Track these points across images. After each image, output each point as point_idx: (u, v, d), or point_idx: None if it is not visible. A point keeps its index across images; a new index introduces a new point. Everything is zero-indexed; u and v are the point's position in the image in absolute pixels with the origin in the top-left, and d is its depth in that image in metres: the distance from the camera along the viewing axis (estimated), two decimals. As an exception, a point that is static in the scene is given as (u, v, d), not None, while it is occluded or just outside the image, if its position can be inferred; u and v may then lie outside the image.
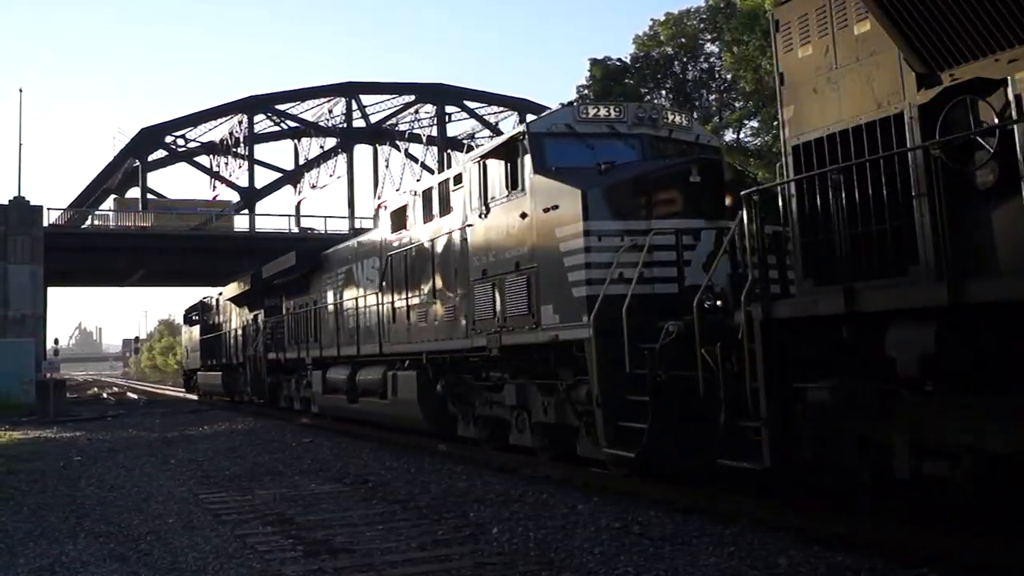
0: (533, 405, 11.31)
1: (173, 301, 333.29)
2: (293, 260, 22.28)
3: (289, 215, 62.88)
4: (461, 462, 12.66)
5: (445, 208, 13.49)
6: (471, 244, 12.32)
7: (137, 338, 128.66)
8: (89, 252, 48.52)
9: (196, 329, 40.01)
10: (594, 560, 6.70)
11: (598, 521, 8.04)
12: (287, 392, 24.24)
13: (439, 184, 13.87)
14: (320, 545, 7.57)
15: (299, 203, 63.69)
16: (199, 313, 38.85)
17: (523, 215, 10.91)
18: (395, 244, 15.61)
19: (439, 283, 13.56)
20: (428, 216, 14.16)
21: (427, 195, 14.28)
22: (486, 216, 11.90)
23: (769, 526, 7.45)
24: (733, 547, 6.87)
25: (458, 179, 13.08)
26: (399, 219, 15.62)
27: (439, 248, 13.60)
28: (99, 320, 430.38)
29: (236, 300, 29.90)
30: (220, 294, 34.11)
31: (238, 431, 20.00)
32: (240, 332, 29.49)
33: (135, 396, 49.07)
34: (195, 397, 40.62)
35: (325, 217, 63.54)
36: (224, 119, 61.36)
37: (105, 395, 49.88)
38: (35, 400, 29.91)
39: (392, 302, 15.54)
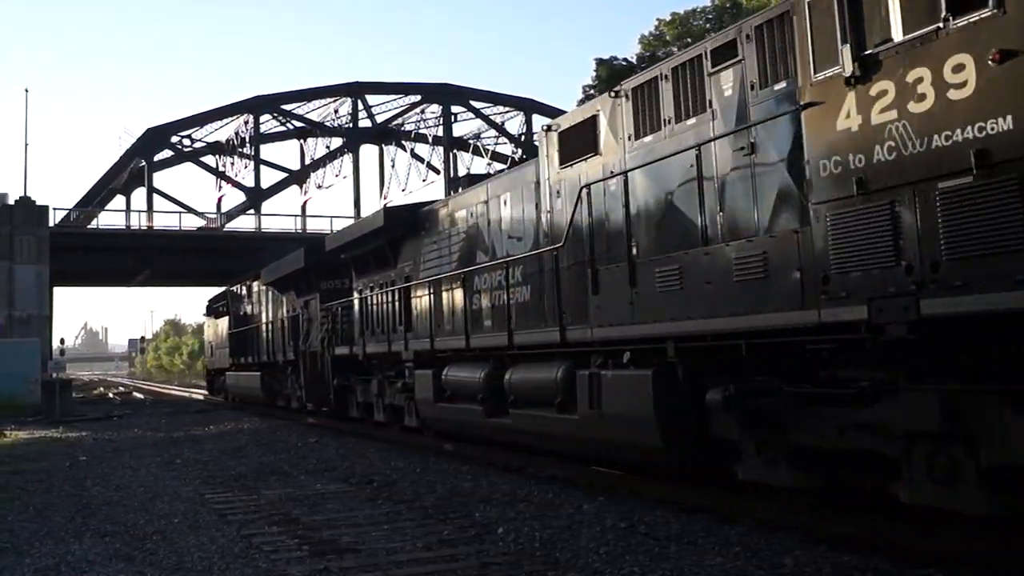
0: (1003, 436, 5.95)
1: (179, 301, 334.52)
2: (380, 220, 16.51)
3: (295, 215, 63.08)
4: (467, 462, 12.66)
5: (692, 106, 8.77)
6: (808, 142, 7.14)
7: (143, 338, 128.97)
8: (95, 252, 48.66)
9: (223, 322, 34.40)
10: (599, 560, 6.69)
11: (603, 521, 8.03)
12: (362, 398, 18.89)
13: (673, 72, 9.02)
14: (326, 545, 7.57)
15: (305, 203, 63.79)
16: (227, 303, 33.64)
17: (1006, 55, 5.73)
18: (572, 178, 10.64)
19: (709, 220, 8.49)
20: (649, 125, 9.34)
21: (643, 95, 9.48)
22: (859, 81, 6.67)
23: (775, 526, 7.43)
24: (739, 547, 6.85)
25: (723, 53, 8.38)
26: (579, 142, 10.57)
27: (692, 167, 8.63)
28: (105, 320, 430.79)
29: (279, 284, 24.78)
30: (254, 279, 29.12)
31: (244, 431, 20.02)
32: (286, 323, 24.35)
33: (141, 396, 49.16)
34: (220, 399, 36.18)
35: (331, 217, 63.37)
36: (230, 119, 61.48)
37: (111, 395, 49.98)
38: (41, 400, 29.99)
39: (587, 261, 10.09)
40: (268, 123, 62.72)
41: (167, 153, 60.31)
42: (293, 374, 23.90)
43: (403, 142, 65.99)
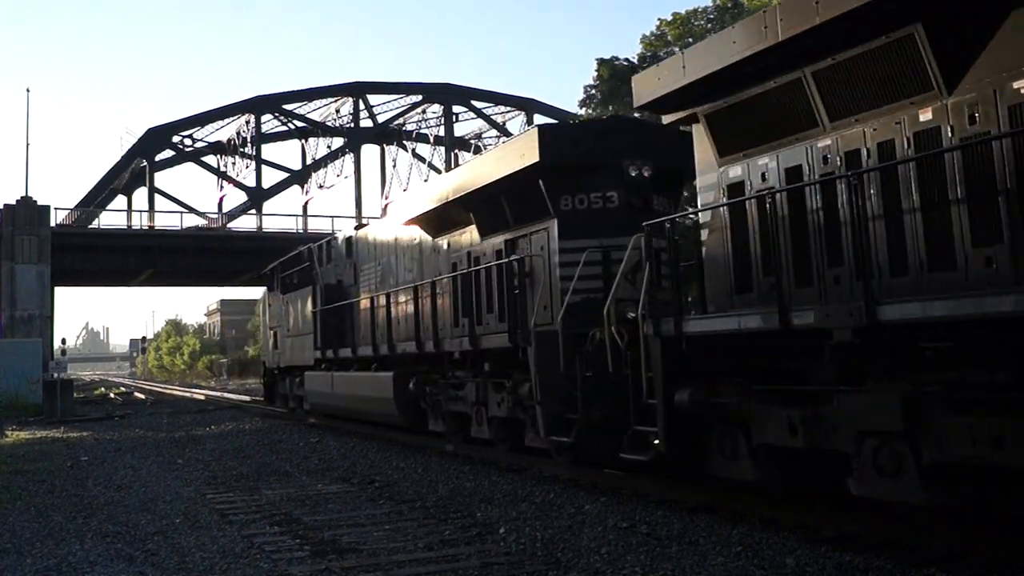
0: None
1: (180, 301, 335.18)
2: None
3: (297, 215, 63.10)
4: (468, 462, 12.65)
5: None
6: None
7: (144, 338, 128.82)
8: (96, 252, 48.66)
9: (297, 298, 22.84)
10: (601, 560, 6.69)
11: (605, 521, 8.03)
12: (802, 439, 7.20)
13: None
14: (327, 545, 7.57)
15: (306, 203, 63.79)
16: (303, 270, 22.53)
17: None
18: None
19: None
20: None
21: None
22: None
23: (777, 526, 7.43)
24: (740, 547, 6.85)
25: None
26: None
27: None
28: (106, 320, 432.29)
29: (433, 219, 14.79)
30: (360, 227, 19.99)
31: (245, 431, 20.00)
32: (481, 277, 13.27)
33: (142, 396, 49.11)
34: (286, 410, 24.67)
35: (332, 217, 63.40)
36: (231, 119, 61.54)
37: (112, 395, 49.93)
38: (42, 400, 29.98)
39: None
40: (269, 123, 62.80)
41: (168, 153, 60.37)
42: (488, 378, 12.95)
43: (404, 142, 66.04)
